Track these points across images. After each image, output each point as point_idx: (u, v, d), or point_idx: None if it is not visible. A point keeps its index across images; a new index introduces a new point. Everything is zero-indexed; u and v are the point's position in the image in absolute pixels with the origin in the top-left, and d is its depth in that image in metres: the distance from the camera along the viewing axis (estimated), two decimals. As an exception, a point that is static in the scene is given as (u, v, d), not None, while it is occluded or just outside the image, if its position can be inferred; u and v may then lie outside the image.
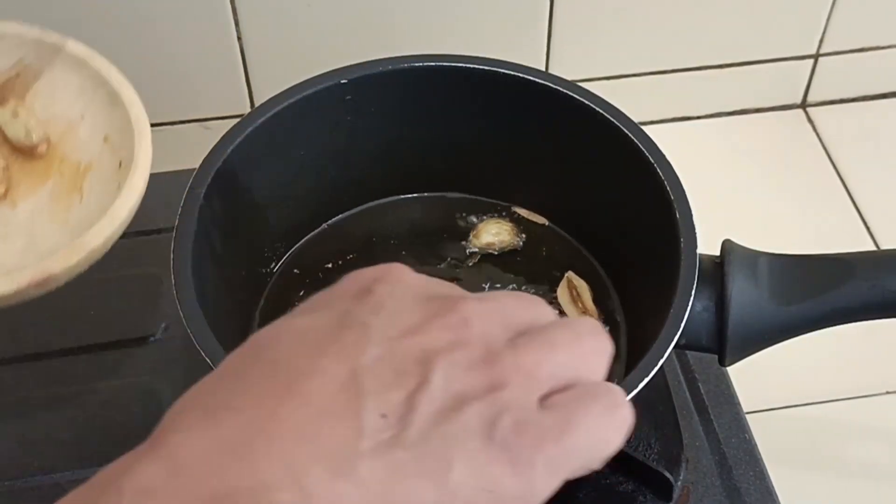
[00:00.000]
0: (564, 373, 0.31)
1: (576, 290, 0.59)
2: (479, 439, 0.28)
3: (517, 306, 0.32)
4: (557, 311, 0.58)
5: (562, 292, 0.59)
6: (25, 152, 0.56)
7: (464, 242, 0.61)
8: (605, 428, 0.30)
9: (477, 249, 0.61)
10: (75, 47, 0.57)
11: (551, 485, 0.29)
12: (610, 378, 0.32)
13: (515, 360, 0.30)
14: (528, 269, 0.61)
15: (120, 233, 0.52)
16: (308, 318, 0.31)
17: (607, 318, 0.58)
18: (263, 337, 0.31)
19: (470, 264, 0.61)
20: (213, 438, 0.27)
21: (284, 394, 0.28)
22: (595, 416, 0.30)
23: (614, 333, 0.57)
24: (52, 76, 0.57)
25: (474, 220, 0.63)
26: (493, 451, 0.28)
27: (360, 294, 0.31)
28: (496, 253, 0.61)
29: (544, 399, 0.30)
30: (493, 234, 0.61)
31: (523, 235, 0.62)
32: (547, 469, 0.29)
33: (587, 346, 0.32)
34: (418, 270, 0.33)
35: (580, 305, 0.58)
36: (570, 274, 0.60)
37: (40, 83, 0.57)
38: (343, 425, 0.27)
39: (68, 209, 0.55)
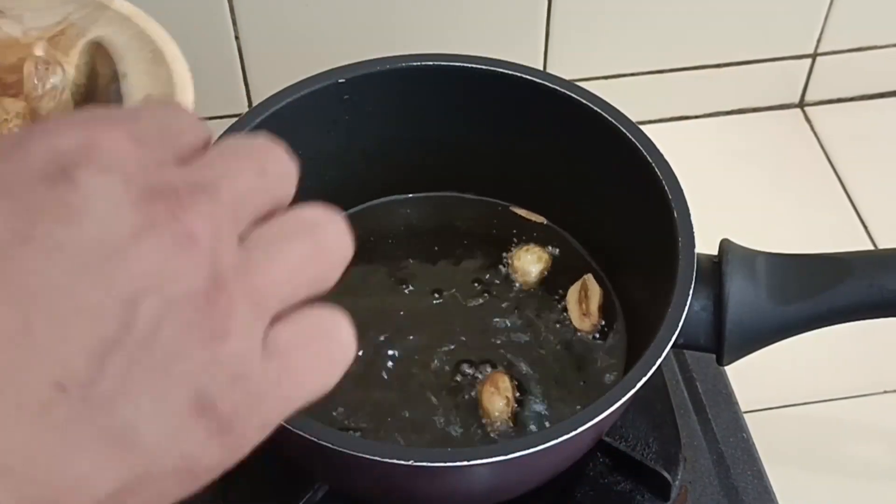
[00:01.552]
0: (296, 292, 0.25)
1: (586, 291, 0.59)
2: (185, 406, 0.23)
3: (255, 187, 0.25)
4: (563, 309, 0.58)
5: (572, 290, 0.59)
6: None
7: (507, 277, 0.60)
8: (320, 372, 0.26)
9: (520, 284, 0.60)
10: (122, 4, 0.57)
11: (258, 439, 0.25)
12: (610, 375, 0.32)
13: (243, 288, 0.24)
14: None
15: None
16: None
17: (605, 317, 0.58)
18: None
19: (469, 265, 0.61)
20: None
21: None
22: (314, 358, 0.25)
23: (613, 332, 0.58)
24: (98, 33, 0.56)
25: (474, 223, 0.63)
26: (199, 420, 0.23)
27: (54, 178, 0.22)
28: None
29: (268, 329, 0.24)
30: (533, 262, 0.61)
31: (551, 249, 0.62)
32: (258, 430, 0.24)
33: (326, 249, 0.26)
34: (419, 268, 0.31)
35: (584, 307, 0.58)
36: (587, 277, 0.59)
37: (85, 40, 0.56)
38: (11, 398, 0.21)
39: None
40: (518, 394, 0.55)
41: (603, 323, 0.58)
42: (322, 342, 0.26)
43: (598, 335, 0.58)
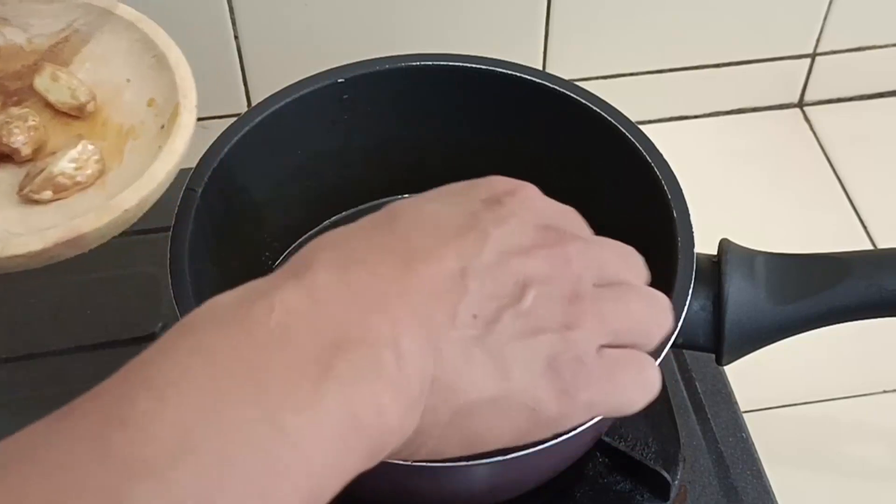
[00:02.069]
0: (626, 333, 0.36)
1: None
2: (542, 364, 0.34)
3: (616, 260, 0.38)
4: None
5: None
6: (72, 114, 0.54)
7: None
8: (635, 389, 0.36)
9: None
10: (125, 10, 0.56)
11: (583, 418, 0.35)
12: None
13: (593, 308, 0.35)
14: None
15: (156, 196, 0.50)
16: (440, 205, 0.36)
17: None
18: (399, 209, 0.36)
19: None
20: (345, 286, 0.32)
21: (406, 268, 0.33)
22: (632, 376, 0.36)
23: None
24: (101, 39, 0.56)
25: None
26: (549, 377, 0.34)
27: (490, 202, 0.36)
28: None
29: (602, 348, 0.35)
30: None
31: None
32: (584, 406, 0.35)
33: (655, 318, 0.38)
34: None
35: None
36: None
37: (88, 47, 0.56)
38: (442, 311, 0.33)
39: (107, 172, 0.53)
40: None
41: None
42: (638, 369, 0.37)
43: None
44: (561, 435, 0.40)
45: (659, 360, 0.46)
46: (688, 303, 0.48)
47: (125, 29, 0.56)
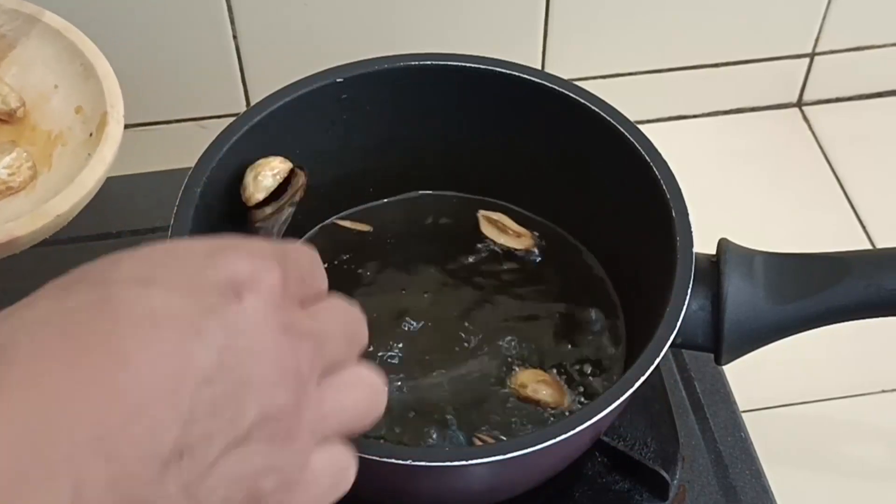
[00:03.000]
0: (342, 425, 0.33)
1: (498, 223, 0.61)
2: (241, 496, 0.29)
3: (344, 346, 0.34)
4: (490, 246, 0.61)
5: (487, 230, 0.61)
6: (1, 118, 0.57)
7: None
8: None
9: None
10: (52, 18, 0.58)
11: None
12: (609, 375, 0.32)
13: (315, 413, 0.31)
14: (523, 267, 0.61)
15: (86, 202, 0.52)
16: (166, 287, 0.29)
17: (606, 315, 0.58)
18: (108, 277, 0.29)
19: (466, 261, 0.61)
20: (42, 393, 0.25)
21: (119, 363, 0.26)
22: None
23: (612, 331, 0.58)
24: (28, 46, 0.58)
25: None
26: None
27: (227, 292, 0.29)
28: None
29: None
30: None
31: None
32: None
33: (369, 405, 0.34)
34: (418, 268, 0.33)
35: (511, 232, 0.61)
36: (481, 213, 0.62)
37: (15, 52, 0.58)
38: (143, 447, 0.26)
39: (36, 177, 0.56)
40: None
41: (538, 234, 0.61)
42: (338, 476, 0.33)
43: (538, 251, 0.60)
44: (559, 435, 0.40)
45: (658, 360, 0.46)
46: (687, 302, 0.48)
47: (52, 36, 0.58)
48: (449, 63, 0.58)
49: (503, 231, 0.61)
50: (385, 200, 0.63)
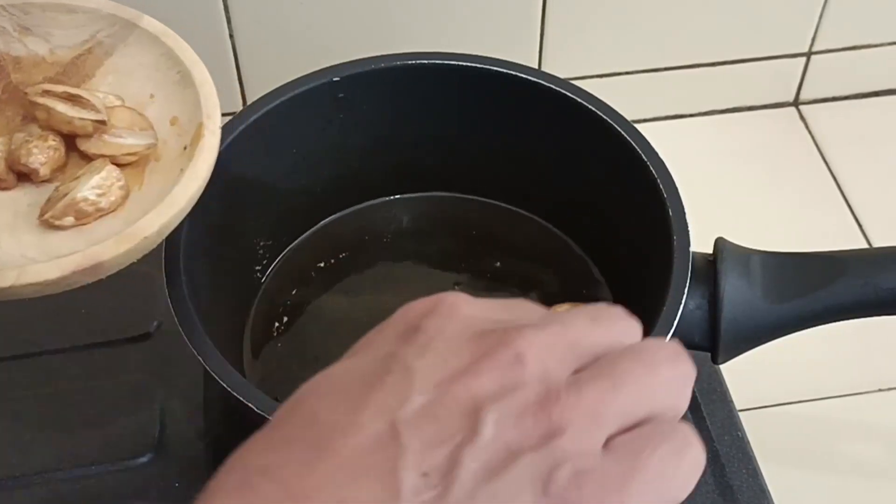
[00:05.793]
0: (634, 409, 0.28)
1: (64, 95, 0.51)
2: (531, 495, 0.26)
3: (587, 330, 0.30)
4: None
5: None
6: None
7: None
8: (672, 474, 0.28)
9: None
10: (151, 23, 0.54)
11: None
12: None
13: (577, 401, 0.27)
14: (522, 267, 0.61)
15: (177, 222, 0.48)
16: (350, 362, 0.29)
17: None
18: (305, 387, 0.29)
19: (463, 261, 0.61)
20: None
21: (318, 454, 0.26)
22: (662, 460, 0.28)
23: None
24: (125, 52, 0.54)
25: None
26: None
27: (406, 333, 0.29)
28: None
29: (611, 439, 0.28)
30: None
31: None
32: None
33: (663, 376, 0.29)
34: (414, 268, 0.33)
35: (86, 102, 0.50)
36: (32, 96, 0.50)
37: (111, 59, 0.54)
38: (379, 487, 0.25)
39: (127, 194, 0.51)
40: None
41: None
42: (667, 445, 0.28)
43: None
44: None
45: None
46: (683, 301, 0.48)
47: (150, 42, 0.54)
48: (445, 62, 0.58)
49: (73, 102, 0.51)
50: (381, 200, 0.63)
